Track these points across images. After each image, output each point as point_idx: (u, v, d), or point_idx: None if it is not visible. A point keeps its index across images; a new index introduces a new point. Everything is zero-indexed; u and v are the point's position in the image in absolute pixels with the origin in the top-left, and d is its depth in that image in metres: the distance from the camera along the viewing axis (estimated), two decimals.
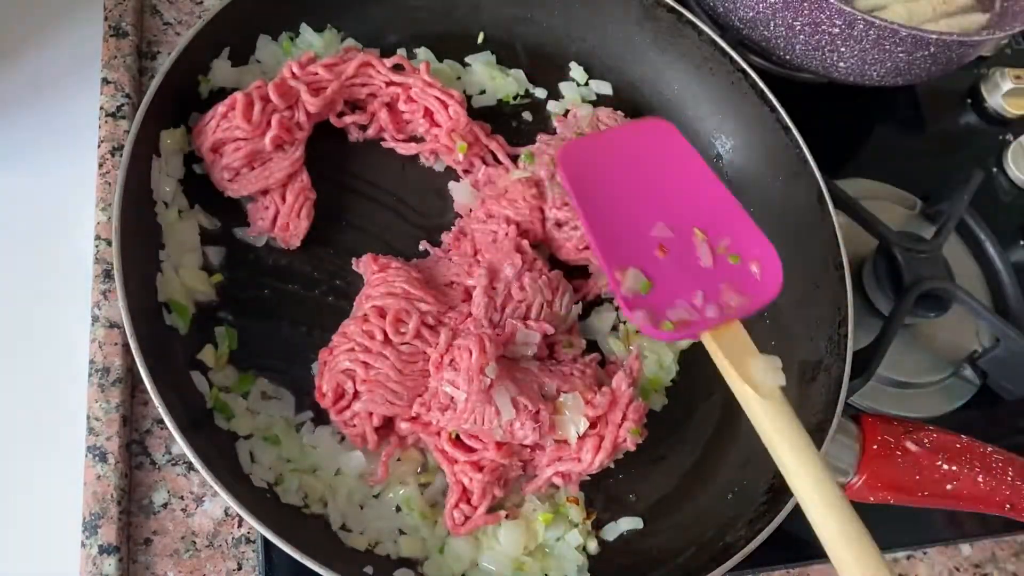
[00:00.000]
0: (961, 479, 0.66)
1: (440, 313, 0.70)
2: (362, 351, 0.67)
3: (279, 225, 0.73)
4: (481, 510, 0.67)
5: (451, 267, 0.75)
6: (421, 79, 0.79)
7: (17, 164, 0.79)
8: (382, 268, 0.72)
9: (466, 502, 0.67)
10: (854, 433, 0.69)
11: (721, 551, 0.66)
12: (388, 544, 0.66)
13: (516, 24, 0.89)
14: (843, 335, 0.74)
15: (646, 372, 0.77)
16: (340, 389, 0.67)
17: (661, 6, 0.86)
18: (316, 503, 0.66)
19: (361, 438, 0.68)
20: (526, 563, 0.67)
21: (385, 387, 0.66)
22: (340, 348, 0.68)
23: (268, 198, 0.74)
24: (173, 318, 0.68)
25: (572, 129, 0.83)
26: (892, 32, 0.81)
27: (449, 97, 0.79)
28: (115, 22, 0.85)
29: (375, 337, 0.67)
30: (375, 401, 0.66)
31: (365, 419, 0.67)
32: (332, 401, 0.67)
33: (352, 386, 0.67)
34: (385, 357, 0.67)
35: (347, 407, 0.67)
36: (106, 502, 0.67)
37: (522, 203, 0.78)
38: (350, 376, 0.67)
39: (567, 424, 0.68)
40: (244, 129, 0.71)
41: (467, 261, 0.75)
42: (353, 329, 0.68)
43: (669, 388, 0.79)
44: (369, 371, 0.66)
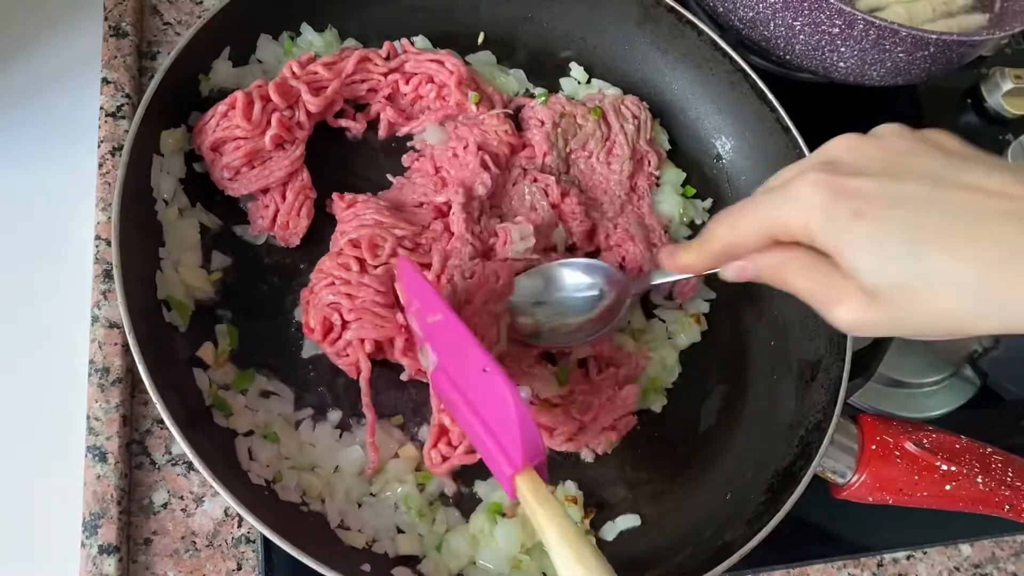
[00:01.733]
0: (960, 480, 0.66)
1: (415, 234, 0.73)
2: (342, 283, 0.69)
3: (279, 223, 0.73)
4: (460, 450, 0.68)
5: (416, 188, 0.77)
6: (411, 53, 0.81)
7: (17, 164, 0.79)
8: (350, 204, 0.74)
9: (446, 443, 0.68)
10: (853, 433, 0.69)
11: (719, 550, 0.66)
12: (386, 542, 0.66)
13: (516, 24, 0.89)
14: (843, 335, 0.74)
15: (648, 372, 0.77)
16: (328, 322, 0.69)
17: (661, 6, 0.86)
18: (315, 500, 0.66)
19: (355, 367, 0.69)
20: (523, 561, 0.67)
21: (372, 312, 0.68)
22: (320, 284, 0.69)
23: (268, 197, 0.74)
24: (172, 316, 0.68)
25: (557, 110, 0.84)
26: (892, 32, 0.81)
27: (443, 55, 0.81)
28: (115, 22, 0.85)
29: (351, 268, 0.69)
30: (365, 327, 0.68)
31: (358, 347, 0.69)
32: (322, 334, 0.69)
33: (339, 318, 0.68)
34: (366, 285, 0.69)
35: (338, 338, 0.69)
36: (106, 502, 0.67)
37: (493, 134, 0.79)
38: (336, 309, 0.68)
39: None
40: (244, 128, 0.71)
41: (430, 180, 0.77)
42: (329, 264, 0.70)
43: (668, 388, 0.79)
44: (354, 301, 0.68)
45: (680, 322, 0.81)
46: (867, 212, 0.46)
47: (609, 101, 0.86)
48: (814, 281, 0.50)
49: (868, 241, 0.46)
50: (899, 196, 0.46)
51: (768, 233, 0.51)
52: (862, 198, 0.46)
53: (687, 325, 0.81)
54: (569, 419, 0.71)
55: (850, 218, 0.46)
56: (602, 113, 0.85)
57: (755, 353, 0.82)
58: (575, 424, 0.71)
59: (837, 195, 0.47)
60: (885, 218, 0.45)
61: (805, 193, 0.48)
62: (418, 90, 0.81)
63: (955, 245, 0.44)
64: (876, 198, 0.46)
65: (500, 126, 0.80)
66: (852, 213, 0.46)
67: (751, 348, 0.82)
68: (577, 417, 0.72)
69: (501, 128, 0.80)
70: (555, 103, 0.85)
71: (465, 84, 0.81)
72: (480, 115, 0.81)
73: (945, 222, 0.44)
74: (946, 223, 0.44)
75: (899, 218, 0.45)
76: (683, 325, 0.81)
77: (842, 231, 0.47)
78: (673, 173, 0.88)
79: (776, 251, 0.52)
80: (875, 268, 0.46)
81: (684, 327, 0.81)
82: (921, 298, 0.45)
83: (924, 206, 0.45)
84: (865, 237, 0.46)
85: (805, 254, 0.50)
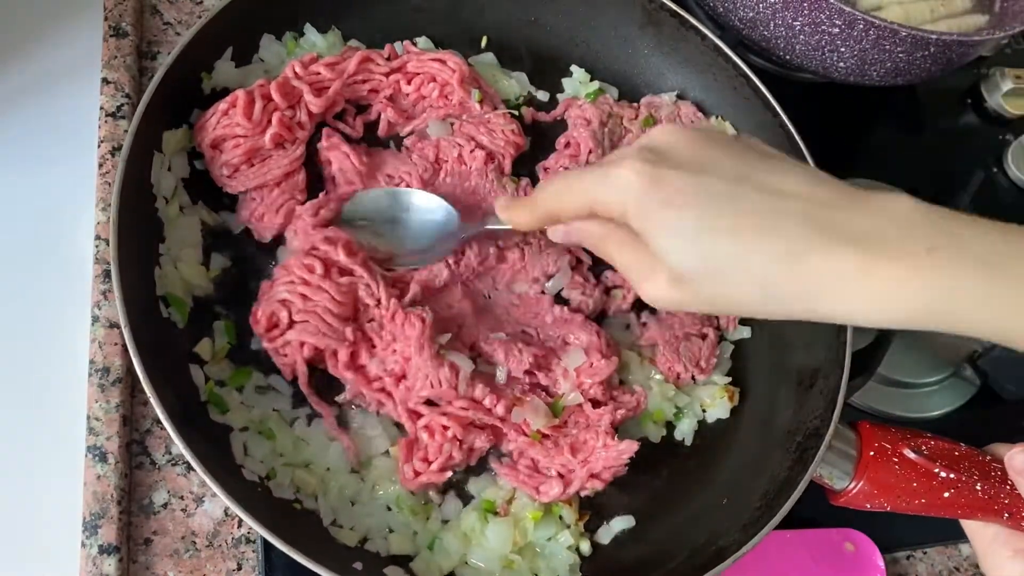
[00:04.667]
0: (959, 487, 0.65)
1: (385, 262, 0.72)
2: (301, 283, 0.68)
3: (254, 215, 0.73)
4: (435, 466, 0.67)
5: (404, 164, 0.77)
6: (413, 54, 0.81)
7: (17, 164, 0.79)
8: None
9: (421, 459, 0.68)
10: (851, 440, 0.69)
11: (714, 555, 0.66)
12: (378, 540, 0.66)
13: (520, 27, 0.89)
14: (842, 342, 0.74)
15: (649, 407, 0.76)
16: (274, 318, 0.68)
17: (664, 10, 0.86)
18: (308, 497, 0.66)
19: (291, 368, 0.68)
20: (515, 561, 0.67)
21: (320, 319, 0.67)
22: (280, 279, 0.69)
23: (260, 191, 0.74)
24: (171, 312, 0.68)
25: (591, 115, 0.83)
26: (892, 32, 0.81)
27: (445, 54, 0.81)
28: (115, 22, 0.85)
29: (315, 270, 0.68)
30: (308, 331, 0.67)
31: (296, 349, 0.68)
32: (265, 328, 0.68)
33: (287, 316, 0.67)
34: (323, 290, 0.68)
35: (280, 335, 0.68)
36: (106, 502, 0.67)
37: (499, 133, 0.79)
38: (286, 306, 0.68)
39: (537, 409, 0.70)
40: (244, 126, 0.71)
41: (426, 164, 0.78)
42: (294, 262, 0.69)
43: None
44: (306, 303, 0.67)
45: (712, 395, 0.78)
46: (674, 201, 0.51)
47: (665, 112, 0.86)
48: (629, 256, 0.56)
49: (671, 227, 0.52)
50: (704, 190, 0.51)
51: (588, 207, 0.56)
52: (673, 188, 0.51)
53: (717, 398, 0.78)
54: (559, 455, 0.70)
55: (659, 206, 0.52)
56: (654, 123, 0.84)
57: (753, 360, 0.81)
58: (562, 463, 0.70)
59: (651, 184, 0.52)
60: (688, 207, 0.51)
61: (624, 178, 0.52)
62: (420, 90, 0.81)
63: (746, 239, 0.50)
64: (684, 189, 0.51)
65: (507, 125, 0.80)
66: (661, 201, 0.51)
67: (750, 354, 0.82)
68: (567, 456, 0.70)
69: (508, 127, 0.80)
70: (603, 103, 0.84)
71: (467, 82, 0.81)
72: (486, 113, 0.81)
73: (740, 217, 0.50)
74: (740, 218, 0.50)
75: (700, 209, 0.51)
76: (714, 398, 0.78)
77: (651, 216, 0.52)
78: None
79: (598, 223, 0.58)
80: (677, 252, 0.52)
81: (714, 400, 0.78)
82: (716, 282, 0.51)
83: (724, 200, 0.50)
84: (669, 223, 0.51)
85: (623, 231, 0.55)
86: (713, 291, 0.52)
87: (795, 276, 0.49)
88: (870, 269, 0.48)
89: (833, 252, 0.49)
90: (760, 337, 0.82)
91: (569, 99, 0.87)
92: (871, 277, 0.48)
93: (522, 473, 0.70)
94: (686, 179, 0.51)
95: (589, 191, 0.56)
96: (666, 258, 0.52)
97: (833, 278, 0.49)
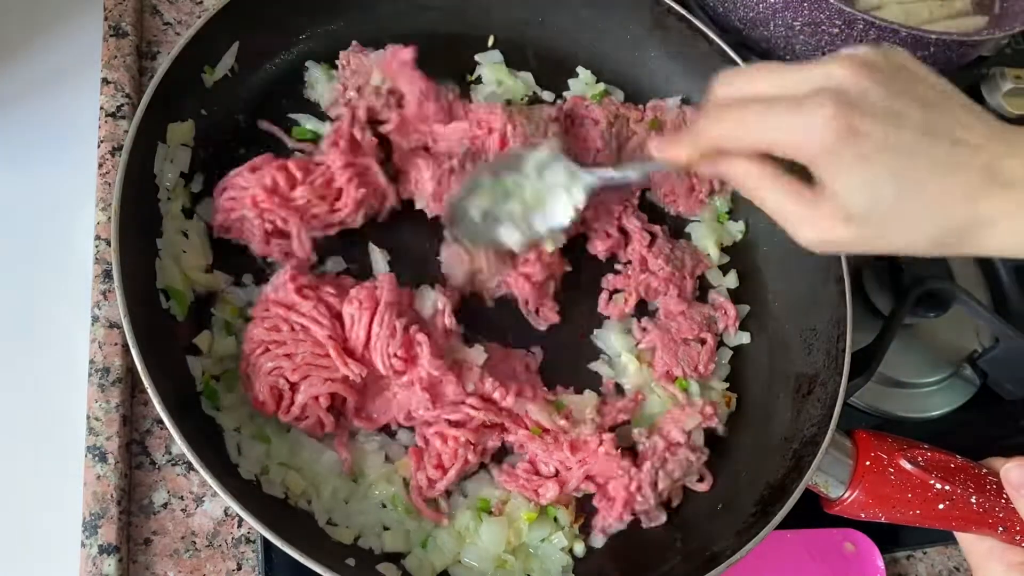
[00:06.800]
0: (954, 499, 0.65)
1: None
2: (277, 346, 0.66)
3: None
4: (452, 473, 0.67)
5: None
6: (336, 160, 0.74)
7: (17, 164, 0.79)
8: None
9: (436, 466, 0.67)
10: (848, 448, 0.68)
11: (708, 560, 0.66)
12: (372, 538, 0.66)
13: (527, 28, 0.89)
14: (841, 350, 0.74)
15: (648, 409, 0.76)
16: (276, 391, 0.66)
17: (672, 14, 0.86)
18: (299, 498, 0.66)
19: (318, 425, 0.67)
20: (508, 561, 0.67)
21: (317, 366, 0.66)
22: (255, 354, 0.66)
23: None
24: (171, 305, 0.68)
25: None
26: (892, 32, 0.81)
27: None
28: (115, 22, 0.85)
29: (281, 329, 0.66)
30: (315, 384, 0.66)
31: (313, 406, 0.66)
32: (274, 405, 0.66)
33: (286, 382, 0.66)
34: (301, 340, 0.66)
35: (291, 404, 0.66)
36: (106, 502, 0.67)
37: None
38: (279, 375, 0.66)
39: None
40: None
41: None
42: (258, 332, 0.66)
43: None
44: (295, 359, 0.66)
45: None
46: (869, 156, 0.51)
47: (670, 116, 0.85)
48: (789, 202, 0.55)
49: (862, 179, 0.52)
50: (898, 143, 0.51)
51: (767, 148, 0.55)
52: (868, 143, 0.51)
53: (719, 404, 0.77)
54: (558, 450, 0.70)
55: (853, 159, 0.52)
56: (659, 126, 0.85)
57: (752, 365, 0.81)
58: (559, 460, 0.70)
59: (847, 135, 0.51)
60: (883, 163, 0.51)
61: (818, 126, 0.52)
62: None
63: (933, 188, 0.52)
64: (879, 144, 0.51)
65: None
66: (855, 155, 0.51)
67: (748, 360, 0.82)
68: (566, 453, 0.70)
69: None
70: (609, 104, 0.85)
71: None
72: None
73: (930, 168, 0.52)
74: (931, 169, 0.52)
75: (895, 163, 0.51)
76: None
77: (842, 167, 0.52)
78: (721, 202, 0.87)
79: (759, 165, 0.56)
80: (862, 199, 0.52)
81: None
82: (894, 224, 0.53)
83: (917, 154, 0.52)
84: (861, 175, 0.52)
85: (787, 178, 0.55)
86: (888, 231, 0.54)
87: (965, 219, 0.52)
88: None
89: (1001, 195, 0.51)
90: (759, 343, 0.82)
91: (575, 98, 0.87)
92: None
93: (521, 478, 0.70)
94: (880, 131, 0.51)
95: (773, 133, 0.54)
96: (845, 204, 0.53)
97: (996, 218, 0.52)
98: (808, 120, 0.52)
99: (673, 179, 0.85)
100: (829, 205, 0.53)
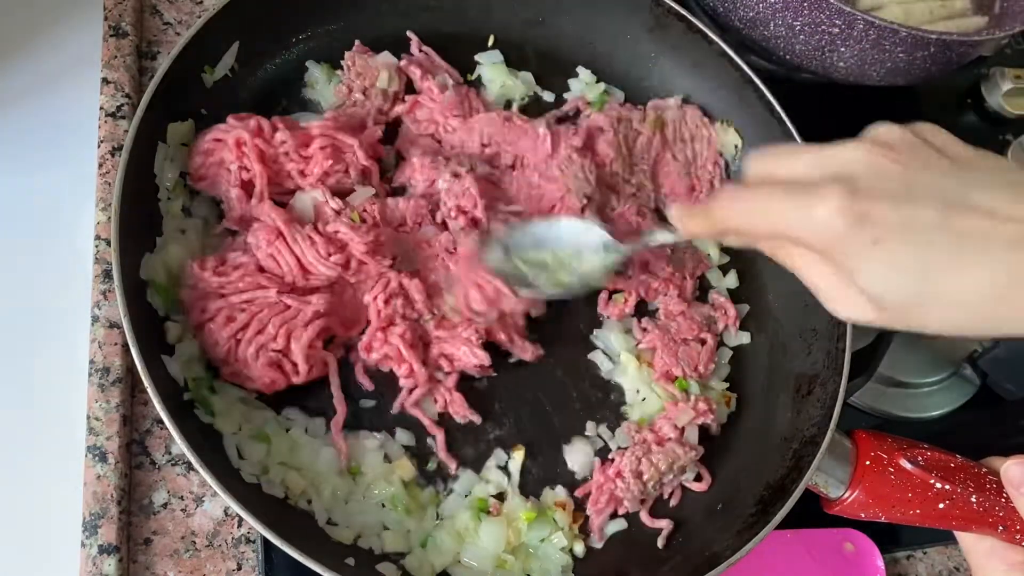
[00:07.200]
0: (954, 498, 0.65)
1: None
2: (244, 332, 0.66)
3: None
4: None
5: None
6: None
7: (17, 164, 0.79)
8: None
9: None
10: (847, 448, 0.68)
11: (707, 560, 0.66)
12: (372, 538, 0.66)
13: (527, 27, 0.89)
14: (841, 349, 0.74)
15: (647, 408, 0.76)
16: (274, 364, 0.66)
17: (672, 15, 0.86)
18: (298, 498, 0.66)
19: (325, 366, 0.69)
20: (508, 561, 0.67)
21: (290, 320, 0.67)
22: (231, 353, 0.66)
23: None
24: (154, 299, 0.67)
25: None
26: (892, 32, 0.81)
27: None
28: (115, 22, 0.85)
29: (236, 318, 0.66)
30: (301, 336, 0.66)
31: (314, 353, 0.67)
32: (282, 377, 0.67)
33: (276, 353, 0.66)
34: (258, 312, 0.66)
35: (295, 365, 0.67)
36: (106, 502, 0.67)
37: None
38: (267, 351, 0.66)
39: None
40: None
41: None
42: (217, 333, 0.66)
43: None
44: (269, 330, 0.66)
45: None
46: (885, 240, 0.47)
47: (671, 115, 0.86)
48: (821, 277, 0.52)
49: (883, 266, 0.48)
50: (914, 223, 0.47)
51: (779, 235, 0.52)
52: (881, 226, 0.47)
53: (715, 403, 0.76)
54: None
55: (868, 245, 0.48)
56: (662, 125, 0.85)
57: (752, 365, 0.81)
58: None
59: (858, 222, 0.48)
60: (901, 244, 0.47)
61: (825, 217, 0.48)
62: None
63: (965, 270, 0.46)
64: (893, 226, 0.47)
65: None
66: (870, 241, 0.48)
67: (748, 360, 0.82)
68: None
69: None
70: (610, 110, 0.85)
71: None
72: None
73: (956, 248, 0.47)
74: (957, 249, 0.47)
75: (913, 244, 0.47)
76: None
77: (859, 255, 0.48)
78: None
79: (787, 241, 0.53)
80: (886, 287, 0.48)
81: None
82: (925, 311, 0.48)
83: (937, 232, 0.47)
84: (881, 262, 0.48)
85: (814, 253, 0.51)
86: (921, 318, 0.49)
87: (1009, 303, 0.47)
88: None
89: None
90: (759, 343, 0.82)
91: (576, 99, 0.87)
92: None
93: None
94: (893, 213, 0.47)
95: (782, 223, 0.51)
96: (871, 291, 0.49)
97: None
98: (816, 212, 0.49)
99: (674, 179, 0.85)
100: (856, 291, 0.50)
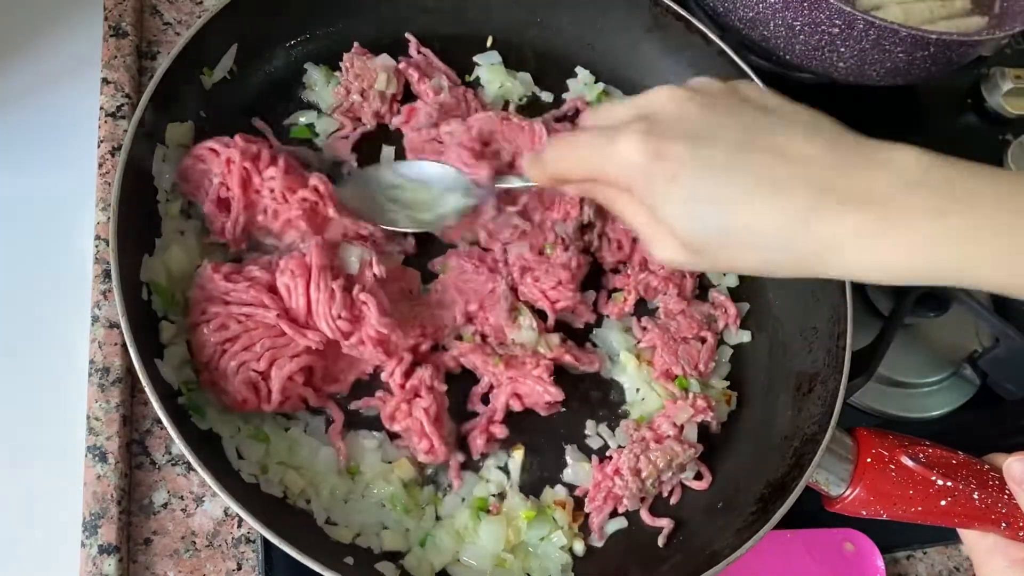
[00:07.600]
0: (956, 495, 0.65)
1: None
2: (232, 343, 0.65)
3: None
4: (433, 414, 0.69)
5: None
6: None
7: (17, 164, 0.79)
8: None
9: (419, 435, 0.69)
10: (848, 446, 0.68)
11: (708, 558, 0.66)
12: (371, 537, 0.66)
13: (525, 28, 0.89)
14: (841, 347, 0.74)
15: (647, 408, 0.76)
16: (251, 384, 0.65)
17: (670, 14, 0.86)
18: (297, 497, 0.66)
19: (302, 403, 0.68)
20: (507, 560, 0.67)
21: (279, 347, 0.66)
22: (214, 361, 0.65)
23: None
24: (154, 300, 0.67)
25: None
26: (892, 32, 0.81)
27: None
28: (115, 22, 0.85)
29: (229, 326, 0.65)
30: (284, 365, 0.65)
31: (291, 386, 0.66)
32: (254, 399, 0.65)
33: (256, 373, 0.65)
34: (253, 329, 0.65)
35: (270, 392, 0.65)
36: (106, 502, 0.67)
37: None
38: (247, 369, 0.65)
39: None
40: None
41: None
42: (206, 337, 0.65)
43: None
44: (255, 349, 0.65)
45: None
46: (680, 176, 0.50)
47: None
48: (640, 220, 0.55)
49: (681, 202, 0.51)
50: (708, 161, 0.50)
51: (594, 176, 0.56)
52: (677, 162, 0.50)
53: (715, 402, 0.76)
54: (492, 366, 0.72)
55: (666, 182, 0.51)
56: None
57: (752, 364, 0.81)
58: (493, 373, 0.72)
59: (655, 158, 0.51)
60: (696, 180, 0.50)
61: (625, 154, 0.52)
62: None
63: (752, 208, 0.49)
64: (688, 162, 0.50)
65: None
66: (667, 177, 0.51)
67: (749, 358, 0.81)
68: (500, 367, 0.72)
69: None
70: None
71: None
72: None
73: (751, 185, 0.49)
74: (752, 186, 0.49)
75: (707, 179, 0.50)
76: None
77: (656, 191, 0.52)
78: None
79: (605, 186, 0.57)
80: (685, 223, 0.51)
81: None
82: (728, 249, 0.51)
83: (729, 171, 0.50)
84: (679, 199, 0.51)
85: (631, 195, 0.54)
86: (722, 255, 0.52)
87: (802, 242, 0.49)
88: (876, 231, 0.48)
89: (839, 215, 0.48)
90: (759, 342, 0.82)
91: (575, 99, 0.87)
92: (878, 238, 0.48)
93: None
94: (688, 151, 0.50)
95: (590, 163, 0.55)
96: (676, 230, 0.52)
97: (839, 241, 0.48)
98: (617, 148, 0.52)
99: None
100: (665, 230, 0.53)
